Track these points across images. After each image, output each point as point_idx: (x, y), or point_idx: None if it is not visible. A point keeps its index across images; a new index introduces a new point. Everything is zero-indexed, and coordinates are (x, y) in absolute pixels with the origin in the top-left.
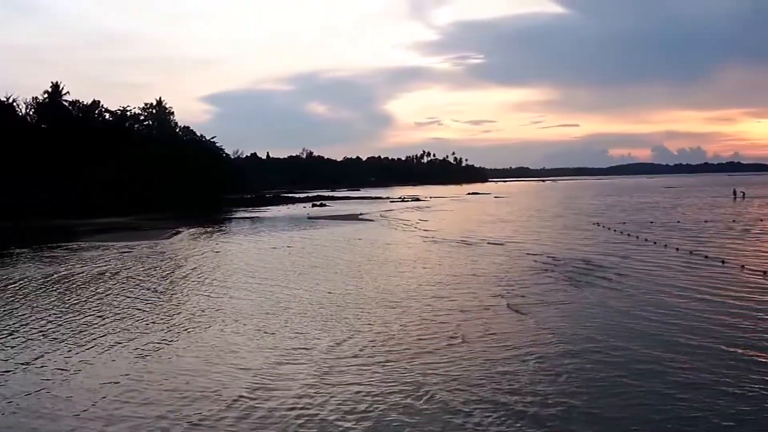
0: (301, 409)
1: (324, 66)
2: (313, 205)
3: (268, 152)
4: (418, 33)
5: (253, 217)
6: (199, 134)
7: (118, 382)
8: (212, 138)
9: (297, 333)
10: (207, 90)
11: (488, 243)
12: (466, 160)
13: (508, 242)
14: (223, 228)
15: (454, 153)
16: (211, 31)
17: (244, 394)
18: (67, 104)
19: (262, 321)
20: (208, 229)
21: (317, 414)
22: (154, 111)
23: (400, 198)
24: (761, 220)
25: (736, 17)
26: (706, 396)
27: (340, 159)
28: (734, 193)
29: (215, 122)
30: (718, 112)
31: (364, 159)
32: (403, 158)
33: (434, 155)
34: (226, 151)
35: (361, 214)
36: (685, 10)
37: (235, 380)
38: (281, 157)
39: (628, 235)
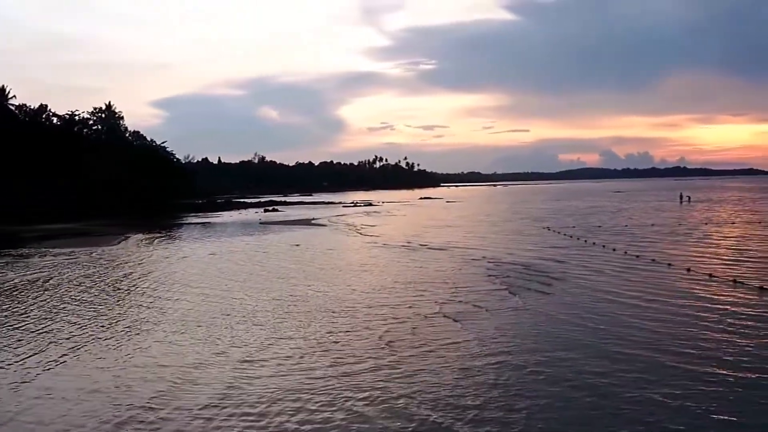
0: (205, 423)
1: (276, 71)
2: (265, 210)
3: (219, 157)
4: (370, 38)
5: (205, 223)
6: (149, 139)
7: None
8: (163, 143)
9: (217, 341)
10: (157, 94)
11: (436, 248)
12: (418, 165)
13: (455, 247)
14: (173, 234)
15: (406, 158)
16: (161, 35)
17: (147, 406)
18: (13, 108)
19: (184, 330)
20: (158, 235)
21: (220, 427)
22: (103, 115)
23: (352, 203)
24: (706, 223)
25: (682, 25)
26: (652, 409)
27: (292, 164)
28: (680, 197)
29: (166, 127)
30: (665, 118)
31: (316, 164)
32: (356, 163)
33: (386, 160)
34: (177, 156)
35: (313, 219)
36: (632, 18)
37: (138, 393)
38: (233, 162)
39: (577, 239)
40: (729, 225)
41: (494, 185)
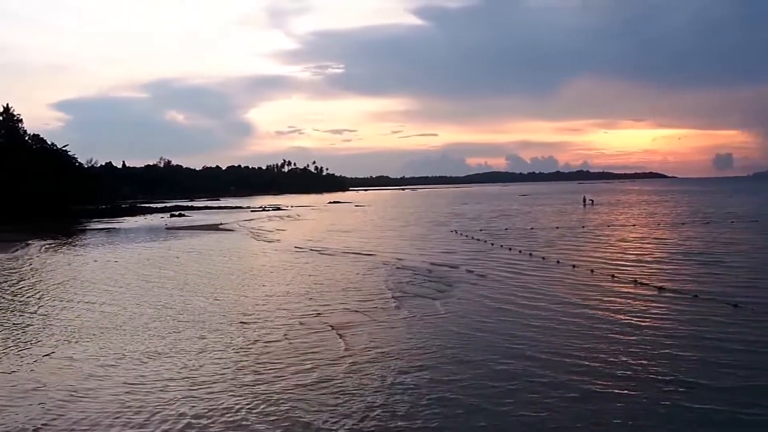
0: None
1: (182, 73)
2: (172, 215)
3: (124, 161)
4: (278, 41)
5: (109, 228)
6: (50, 142)
7: None
8: (64, 146)
9: (72, 356)
10: (58, 97)
11: (339, 253)
12: (327, 169)
13: (358, 252)
14: (75, 240)
15: (315, 162)
16: (59, 35)
17: None
18: None
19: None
20: (59, 242)
21: None
22: (0, 118)
23: (261, 207)
24: (608, 225)
25: (583, 32)
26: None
27: (199, 168)
28: (584, 200)
29: (67, 130)
30: (569, 123)
31: (224, 168)
32: (264, 167)
33: (295, 164)
34: (79, 160)
35: (220, 224)
36: (538, 25)
37: None
38: (138, 166)
39: (484, 242)
40: (629, 227)
41: (403, 189)
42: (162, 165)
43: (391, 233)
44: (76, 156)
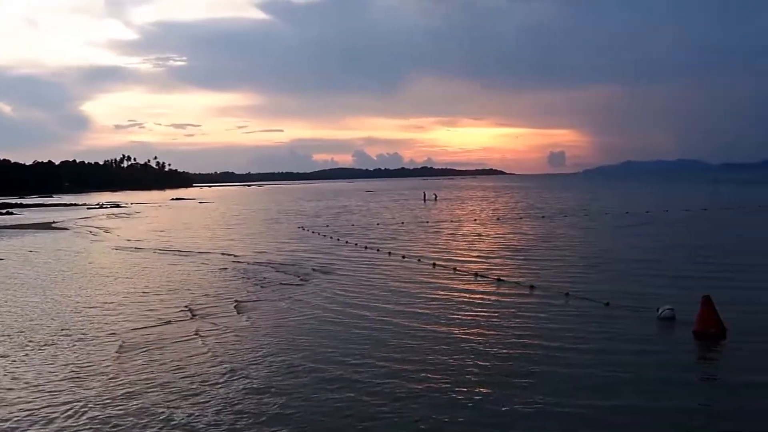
0: None
1: (9, 62)
2: None
3: None
4: (115, 31)
5: None
6: None
7: None
8: None
9: None
10: None
11: (169, 253)
12: (170, 164)
13: (193, 251)
14: None
15: (156, 157)
16: None
17: None
18: None
19: None
20: None
21: None
22: None
23: (98, 205)
24: (452, 221)
25: (428, 34)
26: None
27: (29, 163)
28: (424, 196)
29: None
30: (413, 121)
31: (57, 163)
32: (102, 163)
33: (135, 159)
34: None
35: (53, 222)
36: (383, 25)
37: None
38: None
39: (330, 237)
40: (470, 222)
41: (249, 185)
42: None
43: (237, 230)
44: None
